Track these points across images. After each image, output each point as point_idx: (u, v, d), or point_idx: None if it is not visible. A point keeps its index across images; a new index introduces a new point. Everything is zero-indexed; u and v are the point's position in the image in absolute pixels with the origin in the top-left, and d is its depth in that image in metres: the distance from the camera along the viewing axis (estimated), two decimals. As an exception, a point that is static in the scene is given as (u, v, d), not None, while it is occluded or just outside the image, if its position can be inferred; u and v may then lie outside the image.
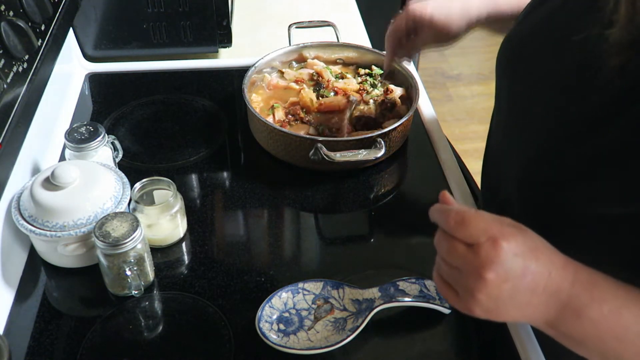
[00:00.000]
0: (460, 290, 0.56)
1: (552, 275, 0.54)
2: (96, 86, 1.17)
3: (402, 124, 0.96)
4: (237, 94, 1.15)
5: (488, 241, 0.53)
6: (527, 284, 0.54)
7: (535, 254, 0.54)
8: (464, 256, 0.54)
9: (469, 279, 0.54)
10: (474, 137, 2.60)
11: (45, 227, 0.75)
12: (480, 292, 0.54)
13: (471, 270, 0.54)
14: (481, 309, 0.55)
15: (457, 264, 0.55)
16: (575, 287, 0.54)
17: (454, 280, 0.56)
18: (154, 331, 0.76)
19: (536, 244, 0.55)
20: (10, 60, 0.72)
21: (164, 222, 0.82)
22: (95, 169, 0.81)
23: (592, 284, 0.55)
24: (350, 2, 1.49)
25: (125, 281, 0.75)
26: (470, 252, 0.54)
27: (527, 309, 0.55)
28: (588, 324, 0.55)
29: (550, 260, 0.55)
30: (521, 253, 0.53)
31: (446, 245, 0.56)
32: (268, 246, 0.88)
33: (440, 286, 0.59)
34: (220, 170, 0.99)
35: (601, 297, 0.55)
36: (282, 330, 0.73)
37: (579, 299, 0.54)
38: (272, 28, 1.35)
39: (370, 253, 0.87)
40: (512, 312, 0.56)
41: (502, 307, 0.55)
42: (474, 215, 0.55)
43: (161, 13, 1.18)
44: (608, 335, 0.55)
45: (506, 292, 0.54)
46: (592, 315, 0.54)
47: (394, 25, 0.92)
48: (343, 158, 0.90)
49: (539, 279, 0.54)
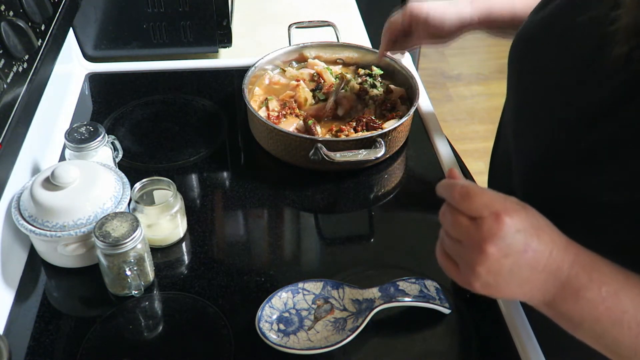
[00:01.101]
0: (461, 263, 0.57)
1: (552, 255, 0.55)
2: (96, 86, 1.17)
3: (402, 124, 0.96)
4: (237, 94, 1.15)
5: (491, 215, 0.54)
6: (527, 261, 0.54)
7: (538, 231, 0.55)
8: (466, 229, 0.55)
9: (470, 252, 0.55)
10: (474, 137, 2.60)
11: (45, 227, 0.75)
12: (480, 265, 0.54)
13: (473, 244, 0.54)
14: (480, 283, 0.56)
15: (460, 237, 0.56)
16: (575, 267, 0.55)
17: (455, 253, 0.57)
18: (154, 331, 0.76)
19: (539, 223, 0.56)
20: (10, 60, 0.72)
21: (164, 222, 0.82)
22: (95, 169, 0.81)
23: (592, 266, 0.56)
24: (350, 2, 1.49)
25: (125, 281, 0.75)
26: (473, 225, 0.54)
27: (526, 285, 0.56)
28: (585, 305, 0.55)
29: (552, 239, 0.55)
30: (523, 229, 0.54)
31: (450, 218, 0.56)
32: (268, 246, 0.88)
33: (441, 259, 0.59)
34: (220, 170, 0.99)
35: (600, 280, 0.55)
36: (282, 330, 0.73)
37: (578, 280, 0.55)
38: (272, 28, 1.35)
39: (370, 253, 0.87)
40: (511, 288, 0.56)
41: (501, 282, 0.55)
42: (479, 190, 0.56)
43: (161, 13, 1.18)
44: (605, 317, 0.55)
45: (506, 267, 0.54)
46: (589, 297, 0.55)
47: (391, 20, 0.97)
48: (343, 158, 0.90)
49: (539, 257, 0.54)
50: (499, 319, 0.77)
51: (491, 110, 2.73)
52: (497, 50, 3.09)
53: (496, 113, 0.92)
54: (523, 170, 0.77)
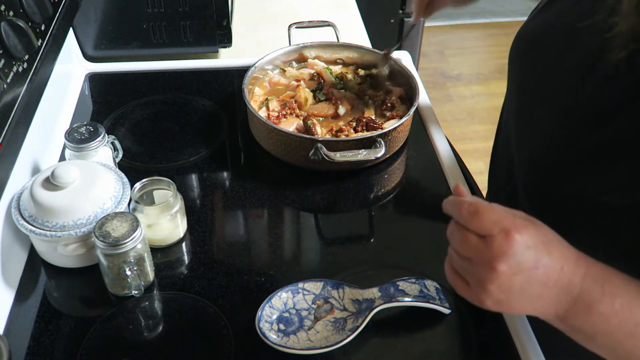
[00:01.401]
0: (471, 281, 0.56)
1: (564, 269, 0.54)
2: (96, 86, 1.17)
3: (402, 124, 0.96)
4: (237, 94, 1.15)
5: (501, 233, 0.53)
6: (538, 277, 0.54)
7: (548, 247, 0.55)
8: (476, 247, 0.55)
9: (480, 270, 0.55)
10: (474, 137, 2.60)
11: (45, 227, 0.75)
12: (491, 283, 0.54)
13: (483, 262, 0.54)
14: (492, 300, 0.55)
15: (469, 255, 0.56)
16: (587, 281, 0.55)
17: (465, 271, 0.57)
18: (154, 331, 0.76)
19: (548, 238, 0.56)
20: (10, 60, 0.72)
21: (164, 222, 0.82)
22: (95, 169, 0.81)
23: (603, 279, 0.55)
24: (350, 2, 1.49)
25: (125, 281, 0.75)
26: (483, 243, 0.54)
27: (538, 301, 0.56)
28: (599, 318, 0.55)
29: (562, 254, 0.55)
30: (533, 246, 0.54)
31: (459, 236, 0.56)
32: (268, 246, 0.88)
33: (451, 277, 0.59)
34: (220, 170, 0.99)
35: (612, 293, 0.55)
36: (282, 330, 0.73)
37: (590, 294, 0.55)
38: (272, 28, 1.35)
39: (370, 253, 0.87)
40: (523, 304, 0.56)
41: (512, 299, 0.55)
42: (487, 207, 0.55)
43: (161, 13, 1.18)
44: (618, 330, 0.55)
45: (517, 284, 0.54)
46: (602, 310, 0.55)
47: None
48: (343, 158, 0.90)
49: (550, 272, 0.54)
50: (499, 319, 0.77)
51: (491, 110, 2.73)
52: (497, 50, 3.09)
53: (496, 113, 0.92)
54: (523, 171, 0.77)
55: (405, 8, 2.10)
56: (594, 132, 0.62)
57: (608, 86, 0.61)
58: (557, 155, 0.68)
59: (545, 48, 0.73)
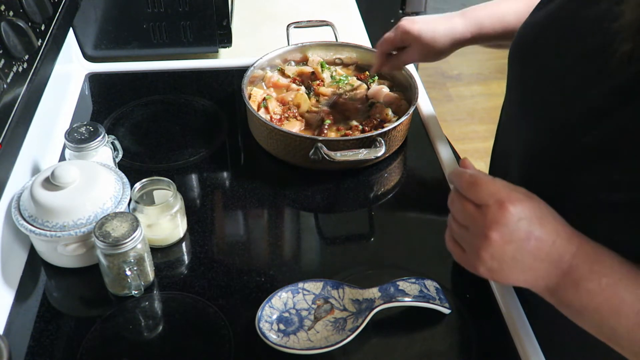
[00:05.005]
0: (467, 248, 0.60)
1: (555, 244, 0.57)
2: (96, 86, 1.17)
3: (402, 123, 0.97)
4: (237, 94, 1.15)
5: (496, 203, 0.56)
6: (530, 248, 0.56)
7: (541, 221, 0.57)
8: (472, 215, 0.58)
9: (475, 238, 0.58)
10: (474, 137, 2.60)
11: (45, 227, 0.75)
12: (484, 250, 0.57)
13: (478, 230, 0.57)
14: (485, 267, 0.58)
15: (466, 223, 0.59)
16: (577, 258, 0.57)
17: (461, 238, 0.60)
18: (154, 331, 0.76)
19: (543, 212, 0.58)
20: (10, 60, 0.72)
21: (164, 222, 0.82)
22: (95, 169, 0.81)
23: (594, 257, 0.57)
24: (350, 2, 1.49)
25: (125, 281, 0.75)
26: (479, 212, 0.57)
27: (529, 273, 0.58)
28: (585, 294, 0.57)
29: (555, 229, 0.57)
30: (526, 218, 0.56)
31: (458, 205, 0.60)
32: (268, 246, 0.88)
33: (449, 244, 0.62)
34: (220, 170, 0.99)
35: (601, 271, 0.57)
36: (282, 330, 0.73)
37: (579, 270, 0.57)
38: (272, 28, 1.35)
39: (370, 253, 0.87)
40: (514, 274, 0.58)
41: (505, 268, 0.58)
42: (487, 179, 0.58)
43: (161, 13, 1.18)
44: (604, 307, 0.57)
45: (509, 253, 0.56)
46: (589, 287, 0.57)
47: (385, 37, 0.98)
48: (343, 157, 0.90)
49: (542, 245, 0.56)
50: (499, 319, 0.77)
51: (491, 110, 2.73)
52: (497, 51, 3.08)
53: (496, 113, 0.92)
54: (523, 169, 0.77)
55: (405, 8, 2.11)
56: (593, 129, 0.62)
57: (609, 82, 0.61)
58: (555, 153, 0.68)
59: (544, 45, 0.73)
